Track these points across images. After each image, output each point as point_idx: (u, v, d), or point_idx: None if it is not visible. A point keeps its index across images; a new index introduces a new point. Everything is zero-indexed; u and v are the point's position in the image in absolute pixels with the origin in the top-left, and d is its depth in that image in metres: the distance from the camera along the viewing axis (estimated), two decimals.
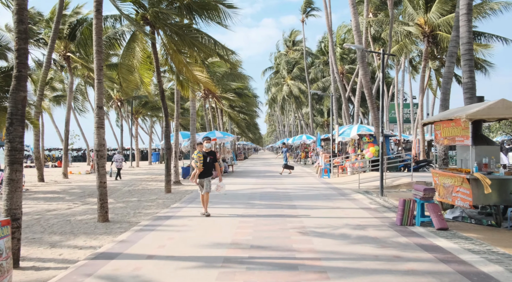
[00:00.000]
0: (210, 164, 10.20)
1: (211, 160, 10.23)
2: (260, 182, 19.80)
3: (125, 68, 14.46)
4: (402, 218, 8.52)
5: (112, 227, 9.25)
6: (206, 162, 10.12)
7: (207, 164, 10.14)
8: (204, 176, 10.19)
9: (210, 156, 10.23)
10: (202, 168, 10.05)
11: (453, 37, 15.39)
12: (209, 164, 10.19)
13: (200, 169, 10.04)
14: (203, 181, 10.17)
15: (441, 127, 10.01)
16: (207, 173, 10.23)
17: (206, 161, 10.13)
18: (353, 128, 22.61)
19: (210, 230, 8.36)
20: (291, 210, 10.79)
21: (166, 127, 15.96)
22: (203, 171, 10.10)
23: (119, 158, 23.64)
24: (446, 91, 15.39)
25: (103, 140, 10.09)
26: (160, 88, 15.57)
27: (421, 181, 15.87)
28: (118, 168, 23.23)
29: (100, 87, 10.02)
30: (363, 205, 11.61)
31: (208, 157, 10.17)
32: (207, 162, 10.14)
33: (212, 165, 10.26)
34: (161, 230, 8.51)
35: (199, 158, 10.03)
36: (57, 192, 16.82)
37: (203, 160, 10.08)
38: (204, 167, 10.09)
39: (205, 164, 10.12)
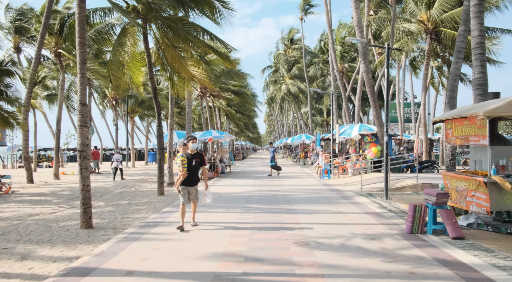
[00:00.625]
0: (196, 168, 8.69)
1: (198, 163, 8.67)
2: (258, 183, 19.02)
3: (115, 64, 13.65)
4: (413, 225, 7.75)
5: (95, 234, 8.46)
6: (191, 166, 8.56)
7: (192, 169, 8.60)
8: (190, 183, 8.65)
9: (196, 159, 8.63)
10: (186, 174, 8.51)
11: (461, 31, 14.66)
12: (195, 168, 8.67)
13: (184, 175, 8.49)
14: (188, 190, 8.66)
15: (453, 126, 9.25)
16: (193, 179, 8.69)
17: (192, 164, 8.57)
18: (354, 127, 21.83)
19: (200, 239, 7.58)
20: (290, 215, 10.01)
21: (158, 126, 15.17)
22: (187, 177, 8.54)
23: (118, 158, 23.22)
24: (453, 88, 14.66)
25: (87, 140, 9.30)
26: (153, 85, 14.77)
27: (427, 183, 15.14)
28: (116, 168, 22.85)
29: (83, 82, 9.23)
30: (367, 209, 10.83)
31: (193, 160, 8.59)
32: (192, 166, 8.58)
33: (198, 169, 8.80)
34: (147, 239, 7.73)
35: (183, 161, 8.49)
36: (44, 194, 16.01)
37: (188, 164, 8.54)
38: (189, 172, 8.54)
39: (190, 169, 8.57)
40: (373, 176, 18.37)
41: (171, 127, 19.31)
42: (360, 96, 30.62)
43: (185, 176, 8.49)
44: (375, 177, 18.02)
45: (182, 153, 8.57)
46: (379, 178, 17.55)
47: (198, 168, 8.75)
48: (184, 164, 8.50)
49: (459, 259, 6.00)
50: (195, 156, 8.67)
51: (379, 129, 20.12)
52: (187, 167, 8.50)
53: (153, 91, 14.91)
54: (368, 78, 20.04)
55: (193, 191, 8.71)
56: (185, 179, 8.52)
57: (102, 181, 22.36)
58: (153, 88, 14.91)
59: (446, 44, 25.61)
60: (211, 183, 19.60)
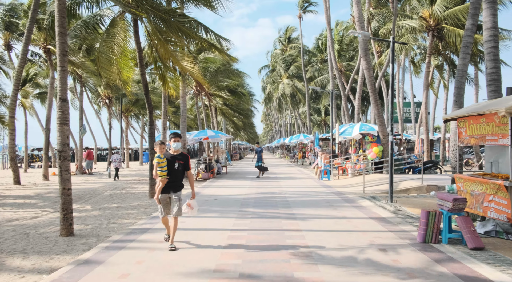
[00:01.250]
0: (179, 172, 7.00)
1: (181, 166, 7.01)
2: (255, 184, 18.26)
3: (104, 56, 12.83)
4: (426, 234, 7.00)
5: (76, 243, 7.67)
6: (173, 169, 6.93)
7: (174, 173, 6.95)
8: (170, 191, 6.98)
9: (179, 161, 6.98)
10: (166, 179, 6.90)
11: (468, 25, 13.90)
12: (178, 172, 6.99)
13: (163, 181, 6.88)
14: (168, 199, 7.03)
15: (466, 124, 8.51)
16: (175, 185, 7.01)
17: (173, 167, 6.92)
18: (354, 127, 21.09)
19: (190, 249, 6.81)
20: (290, 221, 9.25)
21: (150, 125, 14.37)
22: (168, 183, 6.92)
23: (117, 158, 22.84)
24: (461, 85, 13.91)
25: (67, 139, 8.50)
26: (144, 81, 13.98)
27: (432, 185, 14.43)
28: (116, 168, 22.47)
29: (63, 76, 8.44)
30: (372, 214, 10.08)
31: (176, 162, 6.95)
32: (174, 170, 6.94)
33: (182, 174, 7.10)
34: (132, 249, 6.95)
35: (160, 163, 6.86)
36: (29, 196, 15.19)
37: (168, 167, 6.91)
38: (170, 177, 6.91)
39: (172, 173, 6.94)
40: (375, 178, 17.63)
41: (164, 126, 18.52)
42: (360, 95, 29.88)
43: (165, 182, 6.88)
44: (377, 178, 17.28)
45: (160, 153, 6.95)
46: (381, 180, 16.81)
47: (182, 172, 7.06)
48: (162, 167, 6.87)
49: (484, 275, 5.24)
50: (177, 157, 7.01)
51: (381, 129, 19.39)
52: (166, 171, 6.90)
53: (144, 88, 14.13)
54: (370, 75, 19.31)
55: (175, 199, 6.98)
56: (165, 186, 6.95)
57: (94, 182, 21.56)
58: (144, 85, 14.12)
59: (449, 41, 24.90)
60: (206, 184, 18.83)
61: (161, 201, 7.05)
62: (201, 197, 13.99)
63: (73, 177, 24.95)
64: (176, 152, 7.11)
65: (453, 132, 13.88)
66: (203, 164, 22.48)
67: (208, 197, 13.84)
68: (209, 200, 13.06)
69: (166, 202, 7.06)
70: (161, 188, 6.96)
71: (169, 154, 7.07)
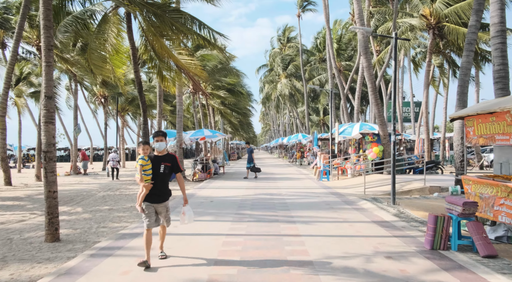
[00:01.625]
0: (165, 176, 6.06)
1: (168, 169, 6.05)
2: (252, 185, 17.80)
3: (95, 52, 12.34)
4: (434, 240, 6.55)
5: (61, 249, 7.21)
6: (158, 172, 5.99)
7: (160, 177, 6.00)
8: (156, 199, 6.04)
9: (165, 163, 6.03)
10: (150, 185, 5.95)
11: (472, 22, 13.50)
12: (164, 176, 6.04)
13: (147, 186, 5.92)
14: (154, 208, 6.07)
15: (474, 123, 8.07)
16: (162, 192, 6.07)
17: (159, 171, 5.99)
18: (354, 126, 20.65)
19: (182, 258, 6.35)
20: (289, 225, 8.79)
21: (144, 124, 13.92)
22: (152, 189, 5.97)
23: (115, 157, 22.58)
24: (464, 83, 13.52)
25: (53, 139, 8.03)
26: (137, 79, 13.51)
27: (435, 186, 14.02)
28: (113, 167, 22.25)
29: (49, 71, 7.97)
30: (375, 217, 9.63)
31: (161, 164, 6.00)
32: (160, 173, 5.99)
33: (169, 179, 6.19)
34: (119, 256, 6.48)
35: (143, 166, 5.92)
36: (19, 198, 14.70)
37: (153, 170, 5.98)
38: (154, 182, 5.97)
39: (157, 177, 5.98)
40: (375, 178, 17.19)
41: (159, 125, 18.04)
42: (360, 93, 29.45)
43: (149, 187, 5.93)
44: (378, 179, 16.85)
45: (143, 155, 6.02)
46: (382, 181, 16.39)
47: (169, 176, 6.13)
48: (146, 171, 5.93)
49: None
50: (163, 159, 6.08)
51: (381, 128, 18.97)
52: (151, 175, 5.96)
53: (137, 85, 13.66)
54: (370, 73, 18.87)
55: (162, 209, 6.10)
56: (149, 193, 5.97)
57: (88, 183, 21.08)
58: (137, 83, 13.65)
59: (450, 39, 24.49)
60: (202, 185, 18.35)
61: (145, 210, 6.01)
62: (196, 199, 13.54)
63: (68, 178, 24.46)
64: (161, 153, 6.17)
65: (457, 131, 13.47)
66: (200, 164, 22.02)
67: (204, 199, 13.39)
68: (204, 202, 12.61)
69: (150, 212, 6.03)
70: (145, 195, 5.96)
71: (154, 154, 6.15)
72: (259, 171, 21.82)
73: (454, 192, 13.14)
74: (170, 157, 6.18)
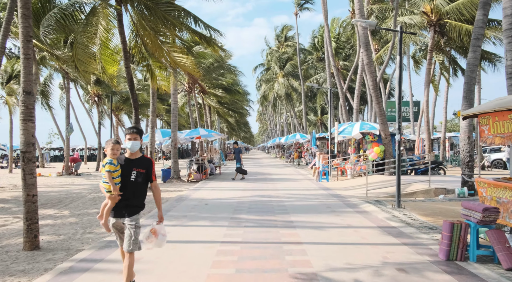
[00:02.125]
0: (138, 186, 4.76)
1: (141, 177, 4.76)
2: (249, 186, 17.17)
3: (81, 47, 11.67)
4: (450, 250, 5.94)
5: (39, 259, 6.55)
6: (128, 180, 4.72)
7: (131, 187, 4.74)
8: (125, 213, 4.75)
9: (137, 169, 4.74)
10: (118, 196, 4.68)
11: (479, 16, 12.93)
12: (136, 186, 4.75)
13: (113, 198, 4.67)
14: (122, 224, 4.81)
15: (490, 121, 7.46)
16: (132, 205, 4.76)
17: (130, 178, 4.72)
18: (355, 125, 20.05)
19: (170, 271, 5.71)
20: (288, 230, 8.16)
21: (135, 122, 13.28)
22: (121, 201, 4.73)
23: None
24: (471, 80, 12.93)
25: (32, 138, 7.37)
26: (129, 75, 12.85)
27: (440, 188, 13.44)
28: None
29: (27, 65, 7.30)
30: (380, 222, 9.02)
31: (133, 170, 4.73)
32: (131, 182, 4.73)
33: (142, 189, 4.83)
34: (97, 271, 5.82)
35: (111, 173, 4.65)
36: (5, 200, 14.01)
37: (122, 178, 4.72)
38: (123, 193, 4.71)
39: (127, 187, 4.73)
40: (377, 179, 16.59)
41: (152, 125, 17.39)
42: (359, 92, 28.86)
43: (116, 200, 4.68)
44: (380, 181, 16.25)
45: (111, 157, 4.72)
46: (384, 182, 15.79)
47: (142, 186, 4.80)
48: (114, 177, 4.67)
49: None
50: (136, 163, 4.77)
51: (382, 127, 18.37)
52: (119, 184, 4.70)
53: (128, 82, 13.01)
54: (371, 70, 18.27)
55: (129, 226, 4.70)
56: (117, 205, 4.73)
57: (79, 183, 20.42)
58: (129, 79, 12.99)
59: (451, 37, 23.92)
60: (198, 186, 17.69)
61: (113, 229, 4.88)
62: (190, 201, 12.89)
63: (59, 178, 23.76)
64: (134, 155, 4.83)
65: (463, 130, 12.88)
66: (195, 164, 21.36)
67: (198, 201, 12.75)
68: (199, 205, 11.96)
69: (121, 229, 4.83)
70: (110, 208, 4.75)
71: (124, 158, 4.80)
72: (245, 173, 20.99)
73: (460, 194, 12.58)
74: (145, 162, 4.83)
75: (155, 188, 4.94)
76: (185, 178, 21.03)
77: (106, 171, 4.66)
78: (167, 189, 16.91)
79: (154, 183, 4.93)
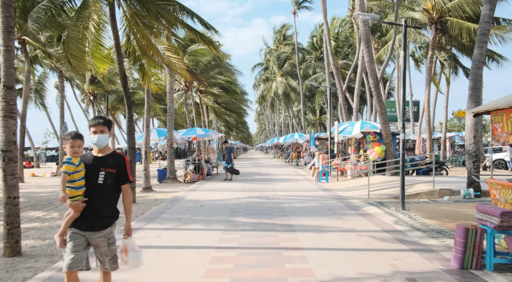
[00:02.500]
0: (106, 189, 3.87)
1: (111, 178, 3.87)
2: (247, 187, 16.68)
3: (73, 41, 11.15)
4: (464, 257, 5.46)
5: (19, 267, 6.05)
6: (95, 184, 3.83)
7: (98, 191, 3.84)
8: (88, 224, 3.82)
9: (106, 169, 3.87)
10: (81, 203, 3.78)
11: (486, 11, 12.48)
12: (105, 189, 3.86)
13: (76, 206, 3.76)
14: (84, 238, 3.83)
15: (504, 118, 6.98)
16: (101, 215, 3.87)
17: (96, 181, 3.83)
18: (355, 125, 19.57)
19: (160, 280, 5.21)
20: (288, 235, 7.67)
21: (129, 121, 12.78)
22: (86, 210, 3.80)
23: None
24: (477, 77, 12.47)
25: (14, 136, 6.86)
26: (122, 72, 12.35)
27: (445, 189, 12.99)
28: None
29: (8, 57, 6.81)
30: (385, 225, 8.54)
31: (100, 171, 3.85)
32: (98, 185, 3.83)
33: (113, 193, 3.95)
34: None
35: (68, 175, 3.78)
36: None
37: (86, 180, 3.83)
38: (88, 198, 3.82)
39: (93, 192, 3.83)
40: (378, 180, 16.11)
41: (147, 123, 16.89)
42: (359, 91, 28.41)
43: (79, 208, 3.75)
44: (381, 181, 15.77)
45: (72, 156, 3.81)
46: (385, 183, 15.33)
47: (113, 188, 3.90)
48: (74, 182, 3.77)
49: None
50: (105, 162, 3.89)
51: (384, 127, 17.90)
52: (82, 188, 3.79)
53: (122, 79, 12.51)
54: (372, 68, 17.81)
55: (100, 242, 3.84)
56: (81, 216, 3.79)
57: None
58: (122, 76, 12.49)
59: (453, 34, 23.48)
60: (194, 187, 17.18)
61: (67, 242, 3.79)
62: (186, 202, 12.39)
63: (53, 179, 23.28)
64: (102, 152, 3.92)
65: (469, 129, 12.43)
66: (192, 164, 20.86)
67: (194, 203, 12.25)
68: (194, 207, 11.46)
69: (77, 244, 3.76)
70: (72, 219, 3.77)
71: (89, 155, 3.92)
72: (237, 173, 20.46)
73: (466, 195, 12.10)
74: (116, 159, 3.91)
75: (126, 192, 3.96)
76: (182, 178, 20.53)
77: (62, 172, 3.74)
78: (162, 190, 16.41)
79: (126, 185, 3.95)
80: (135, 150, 13.56)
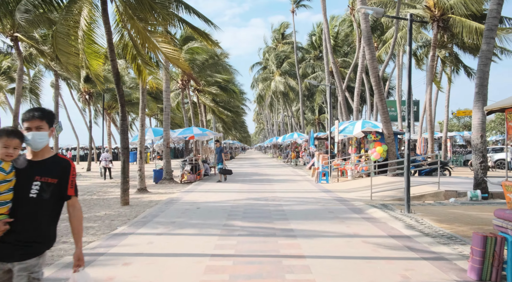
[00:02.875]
0: (41, 204, 2.82)
1: (48, 190, 2.83)
2: (245, 188, 16.19)
3: (62, 36, 10.64)
4: (482, 268, 4.98)
5: None
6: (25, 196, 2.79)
7: (29, 206, 2.79)
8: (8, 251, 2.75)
9: (42, 178, 2.83)
10: (5, 225, 2.72)
11: (493, 6, 12.05)
12: (38, 204, 2.81)
13: None
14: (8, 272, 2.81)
15: None
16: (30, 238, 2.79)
17: (28, 193, 2.79)
18: (356, 124, 19.09)
19: None
20: (288, 241, 7.18)
21: (122, 120, 12.29)
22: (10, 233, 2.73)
23: (107, 157, 21.70)
24: (484, 74, 12.01)
25: None
26: (114, 69, 11.85)
27: (451, 190, 12.51)
28: (105, 167, 21.33)
29: None
30: (391, 230, 8.05)
31: (34, 179, 2.82)
32: (29, 199, 2.79)
33: (51, 209, 2.89)
34: None
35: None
36: None
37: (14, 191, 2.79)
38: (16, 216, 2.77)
39: (22, 206, 2.79)
40: (380, 181, 15.62)
41: (142, 123, 16.38)
42: (359, 90, 27.95)
43: (3, 229, 2.72)
44: (383, 182, 15.29)
45: (2, 158, 2.78)
46: (387, 184, 14.87)
47: (50, 205, 2.88)
48: (0, 192, 2.73)
49: None
50: (40, 168, 2.88)
51: (385, 126, 17.44)
52: (8, 203, 2.76)
53: (114, 76, 12.01)
54: (373, 66, 17.33)
55: (20, 275, 2.76)
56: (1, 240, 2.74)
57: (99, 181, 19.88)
58: (115, 73, 11.99)
59: (455, 32, 23.02)
60: (190, 188, 16.67)
61: None
62: (181, 205, 11.89)
63: None
64: (39, 156, 2.93)
65: (476, 129, 11.96)
66: (188, 165, 20.35)
67: (190, 205, 11.75)
68: (190, 209, 10.96)
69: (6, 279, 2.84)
70: None
71: (23, 160, 2.88)
72: (230, 173, 19.97)
73: (473, 197, 11.62)
74: (58, 166, 2.93)
75: (73, 209, 2.98)
76: (178, 179, 20.02)
77: None
78: (157, 191, 15.91)
79: (72, 200, 2.97)
80: (129, 150, 13.05)
